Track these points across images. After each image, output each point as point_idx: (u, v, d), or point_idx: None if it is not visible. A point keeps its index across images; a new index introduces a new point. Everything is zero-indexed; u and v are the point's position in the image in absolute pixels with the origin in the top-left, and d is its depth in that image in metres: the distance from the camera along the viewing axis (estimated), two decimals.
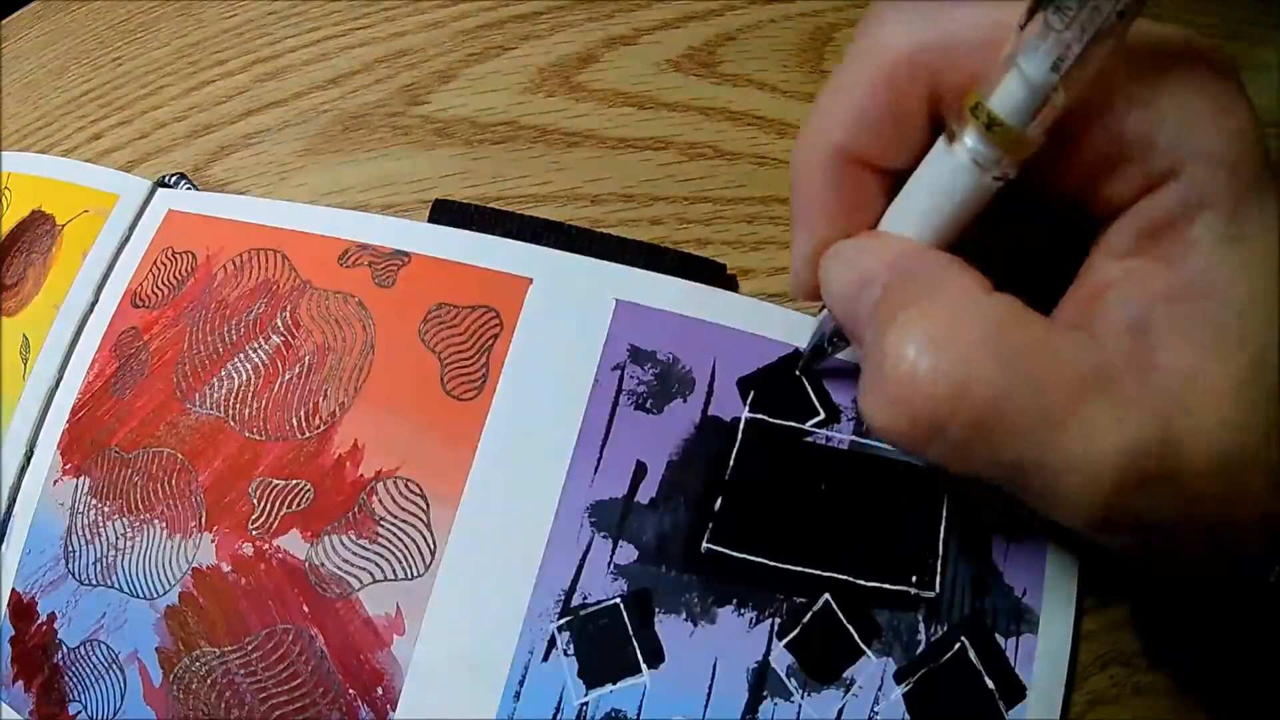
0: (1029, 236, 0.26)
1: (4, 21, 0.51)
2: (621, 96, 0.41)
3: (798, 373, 0.31)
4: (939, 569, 0.31)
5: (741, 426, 0.32)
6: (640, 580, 0.30)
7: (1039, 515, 0.24)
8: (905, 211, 0.24)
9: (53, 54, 0.48)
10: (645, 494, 0.31)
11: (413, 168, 0.39)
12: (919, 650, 0.30)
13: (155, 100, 0.44)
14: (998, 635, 0.30)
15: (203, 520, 0.32)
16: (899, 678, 0.30)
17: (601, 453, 0.32)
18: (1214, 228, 0.21)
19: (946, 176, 0.23)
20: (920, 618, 0.31)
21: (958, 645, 0.30)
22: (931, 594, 0.31)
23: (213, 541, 0.32)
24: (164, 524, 0.33)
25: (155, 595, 0.32)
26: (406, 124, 0.40)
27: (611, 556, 0.31)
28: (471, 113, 0.41)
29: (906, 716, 0.30)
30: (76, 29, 0.49)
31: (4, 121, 0.46)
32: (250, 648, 0.31)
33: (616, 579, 0.30)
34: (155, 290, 0.37)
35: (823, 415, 0.32)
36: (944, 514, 0.31)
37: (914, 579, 0.31)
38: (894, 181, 0.25)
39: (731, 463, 0.32)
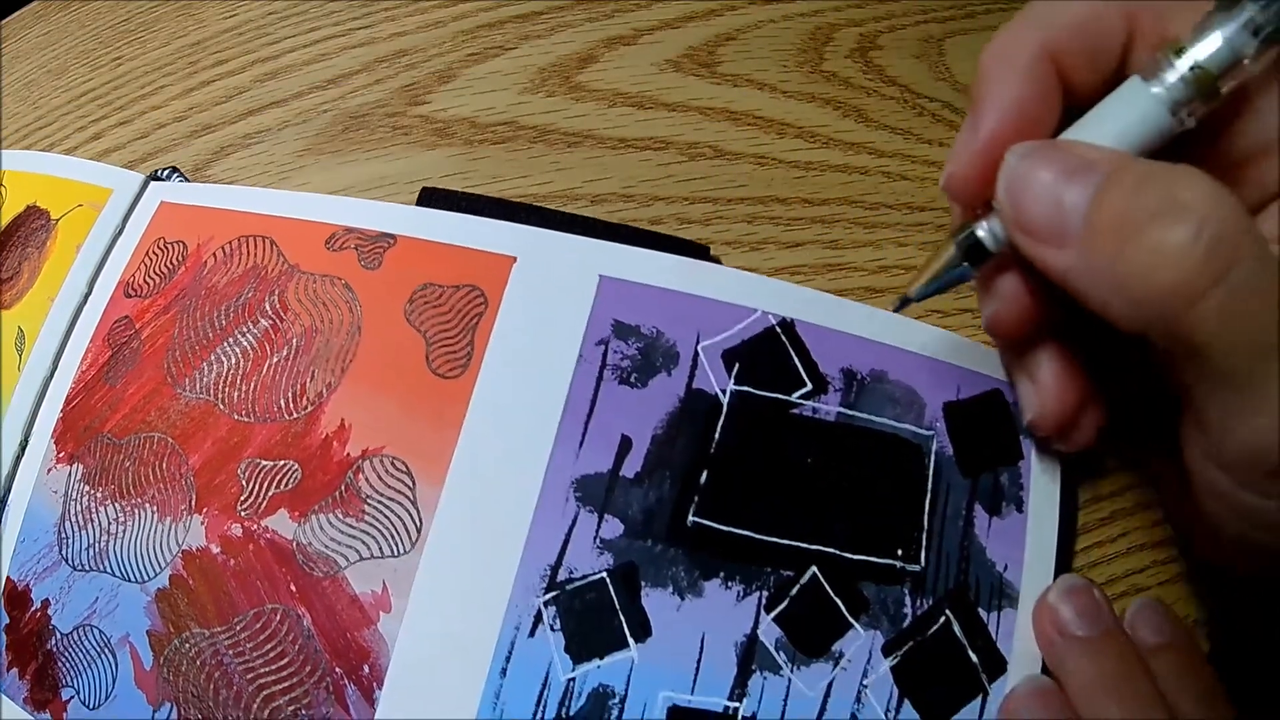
0: None
1: (4, 21, 0.55)
2: (621, 96, 0.45)
3: (909, 298, 0.32)
4: (924, 542, 0.34)
5: (726, 399, 0.35)
6: (626, 554, 0.33)
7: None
8: (1087, 134, 0.28)
9: (53, 54, 0.52)
10: (630, 468, 0.34)
11: (413, 168, 0.43)
12: (905, 623, 0.33)
13: (155, 100, 0.48)
14: (980, 609, 0.34)
15: (192, 503, 0.35)
16: (886, 650, 0.33)
17: (586, 427, 0.35)
18: None
19: (1138, 108, 0.27)
20: (906, 591, 0.34)
21: (943, 619, 0.34)
22: (917, 568, 0.34)
23: (202, 524, 0.35)
24: (155, 508, 0.36)
25: (146, 579, 0.35)
26: (406, 124, 0.44)
27: (597, 531, 0.34)
28: (471, 113, 0.45)
29: (895, 689, 0.33)
30: (76, 29, 0.53)
31: (4, 121, 0.50)
32: (239, 628, 0.34)
33: (602, 553, 0.33)
34: (147, 280, 0.40)
35: (809, 386, 0.36)
36: (929, 487, 0.35)
37: (900, 552, 0.34)
38: (1068, 110, 0.29)
39: (717, 435, 0.35)
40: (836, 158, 0.43)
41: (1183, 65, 0.26)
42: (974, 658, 0.33)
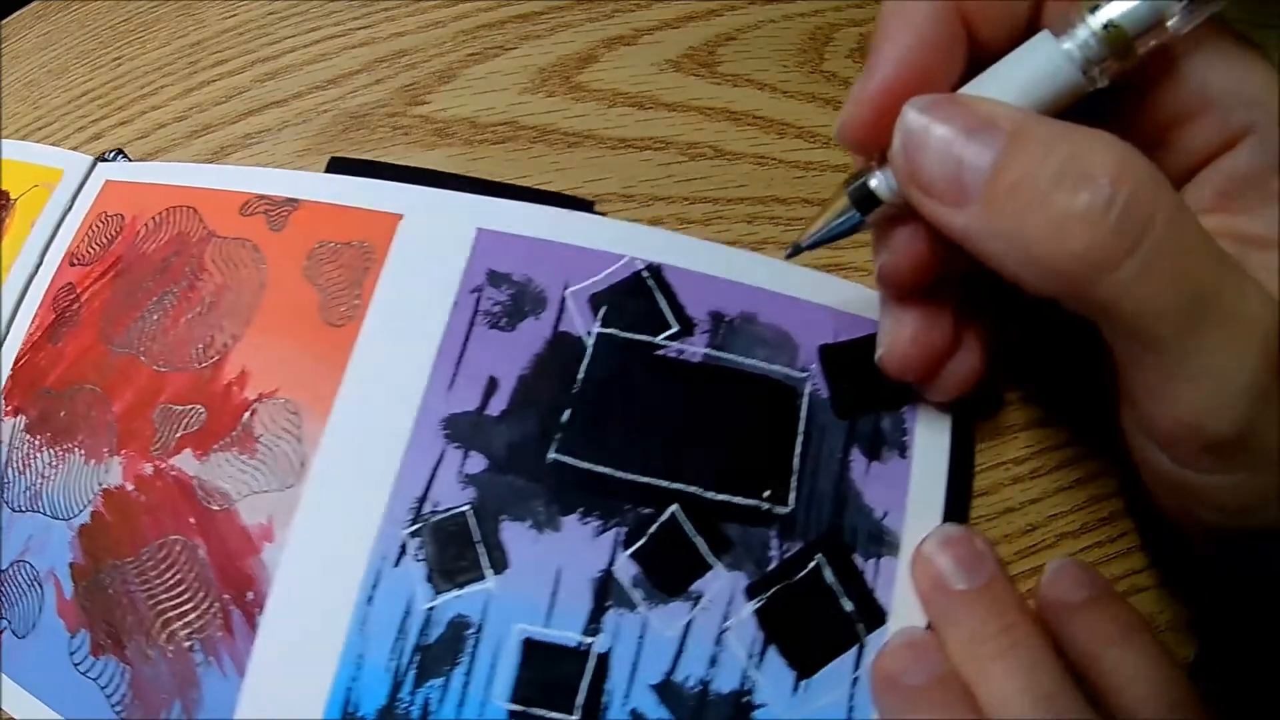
0: None
1: (4, 21, 0.70)
2: (621, 96, 0.59)
3: (800, 246, 0.41)
4: (793, 485, 0.46)
5: (591, 341, 0.49)
6: (488, 489, 0.46)
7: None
8: (991, 89, 0.34)
9: (53, 54, 0.67)
10: (496, 407, 0.48)
11: None
12: (771, 566, 0.44)
13: (155, 100, 0.62)
14: (857, 556, 0.44)
15: (114, 446, 0.50)
16: (750, 593, 0.44)
17: (457, 369, 0.48)
18: None
19: (1046, 64, 0.33)
20: (773, 534, 0.45)
21: (812, 563, 0.44)
22: (785, 509, 0.45)
23: (121, 464, 0.50)
24: (83, 451, 0.51)
25: (71, 515, 0.49)
26: (406, 124, 0.58)
27: (462, 466, 0.47)
28: (471, 113, 0.58)
29: (759, 633, 0.43)
30: (76, 29, 0.68)
31: (4, 121, 0.63)
32: (145, 559, 0.47)
33: (466, 487, 0.46)
34: (89, 249, 0.56)
35: (676, 328, 0.49)
36: (801, 429, 0.47)
37: (766, 493, 0.45)
38: (971, 62, 0.36)
39: (580, 375, 0.48)
40: (836, 158, 0.55)
41: (1096, 22, 0.32)
42: (848, 606, 0.43)
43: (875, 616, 0.43)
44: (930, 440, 0.46)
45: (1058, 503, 0.47)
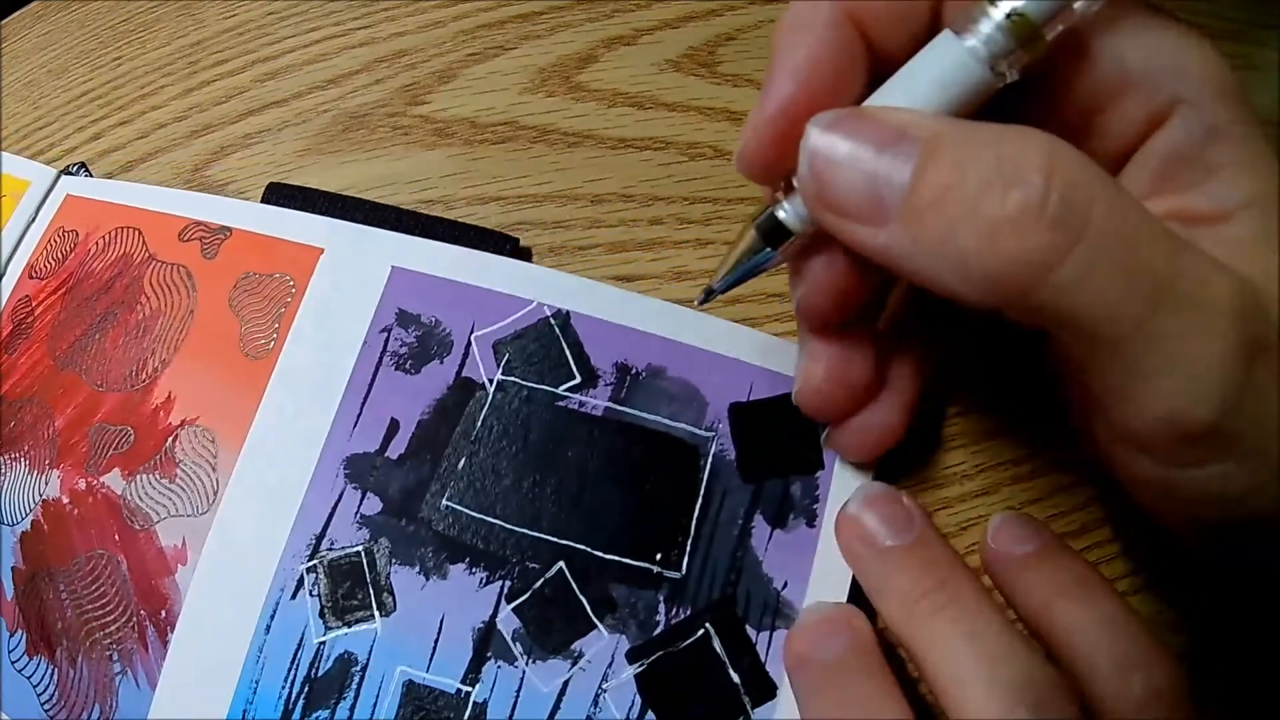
0: None
1: (4, 21, 0.74)
2: (621, 96, 0.64)
3: (714, 289, 0.43)
4: (688, 549, 0.50)
5: (492, 389, 0.54)
6: (381, 531, 0.52)
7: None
8: (897, 97, 0.36)
9: (53, 54, 0.72)
10: (395, 450, 0.53)
11: (412, 168, 0.63)
12: (657, 631, 0.48)
13: (155, 100, 0.68)
14: (750, 627, 0.48)
15: (53, 459, 0.56)
16: (631, 657, 0.48)
17: (362, 410, 0.54)
18: (1229, 151, 0.35)
19: (950, 64, 0.35)
20: (661, 598, 0.49)
21: (700, 631, 0.48)
22: (677, 575, 0.49)
23: (59, 477, 0.56)
24: (26, 461, 0.57)
25: (15, 522, 0.56)
26: (406, 124, 0.64)
27: (359, 506, 0.52)
28: (471, 113, 0.64)
29: (637, 698, 0.47)
30: (76, 29, 0.73)
31: (4, 121, 0.69)
32: (74, 569, 0.53)
33: (361, 528, 0.52)
34: (46, 264, 0.62)
35: (579, 379, 0.53)
36: (702, 491, 0.51)
37: (658, 556, 0.50)
38: (874, 73, 0.38)
39: (479, 423, 0.53)
40: None
41: (998, 13, 0.34)
42: (735, 677, 0.47)
43: (765, 690, 0.47)
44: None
45: (1058, 503, 0.52)
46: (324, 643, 0.50)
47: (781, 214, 0.39)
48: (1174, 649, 0.41)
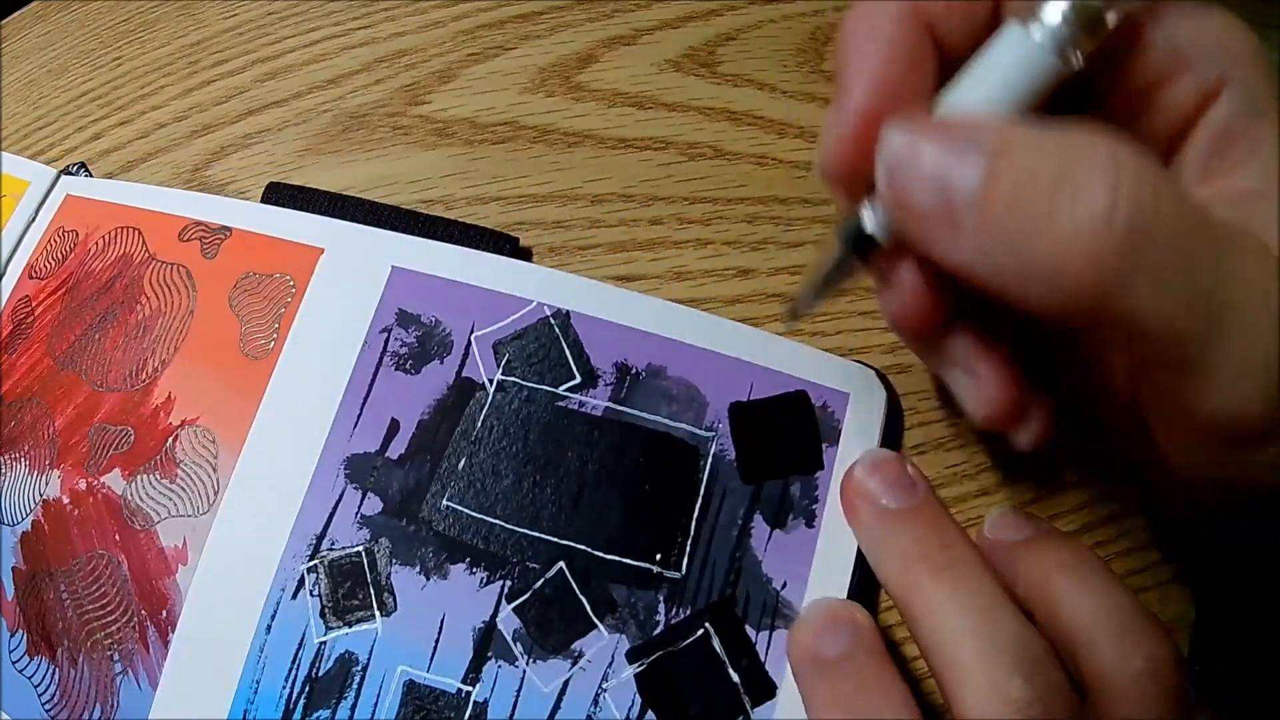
0: None
1: (4, 21, 0.75)
2: (621, 96, 0.65)
3: (800, 306, 0.43)
4: (688, 549, 0.50)
5: (492, 389, 0.54)
6: (382, 531, 0.52)
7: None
8: (968, 94, 0.36)
9: (53, 54, 0.72)
10: (395, 450, 0.53)
11: (413, 168, 0.63)
12: (656, 631, 0.49)
13: (155, 100, 0.68)
14: (749, 627, 0.49)
15: (54, 459, 0.57)
16: (631, 657, 0.48)
17: (362, 410, 0.54)
18: (1274, 127, 0.36)
19: (1021, 55, 0.35)
20: (661, 598, 0.49)
21: (700, 631, 0.49)
22: (676, 575, 0.50)
23: (59, 477, 0.56)
24: (27, 461, 0.57)
25: (15, 522, 0.56)
26: (406, 124, 0.65)
27: (359, 507, 0.52)
28: (471, 113, 0.65)
29: (637, 698, 0.48)
30: (76, 29, 0.73)
31: (4, 121, 0.69)
32: (75, 569, 0.54)
33: (362, 528, 0.52)
34: (46, 264, 0.62)
35: (578, 379, 0.54)
36: (701, 492, 0.51)
37: (658, 557, 0.50)
38: (941, 69, 0.38)
39: (479, 423, 0.54)
40: None
41: (1063, 2, 0.34)
42: (735, 677, 0.48)
43: (764, 690, 0.47)
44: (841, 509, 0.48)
45: (1058, 502, 0.52)
46: (325, 643, 0.50)
47: (865, 223, 0.39)
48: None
